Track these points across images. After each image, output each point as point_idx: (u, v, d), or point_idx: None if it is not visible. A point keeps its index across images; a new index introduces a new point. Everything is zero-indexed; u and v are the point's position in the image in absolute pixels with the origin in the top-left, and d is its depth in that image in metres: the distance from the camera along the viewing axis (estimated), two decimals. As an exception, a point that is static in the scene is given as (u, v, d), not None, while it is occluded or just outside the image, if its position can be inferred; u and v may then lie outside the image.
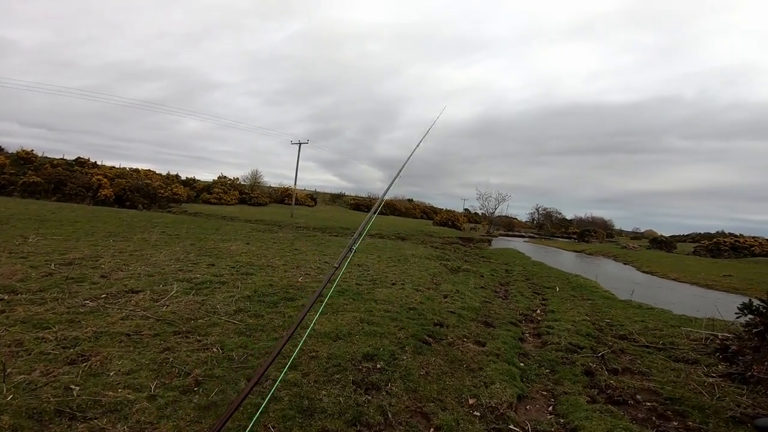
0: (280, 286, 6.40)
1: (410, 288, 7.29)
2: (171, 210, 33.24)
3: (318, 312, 3.02)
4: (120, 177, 38.49)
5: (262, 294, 5.78)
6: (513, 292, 9.16)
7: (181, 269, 7.09)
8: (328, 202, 70.11)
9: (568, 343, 5.44)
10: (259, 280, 6.71)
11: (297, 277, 7.27)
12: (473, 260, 15.57)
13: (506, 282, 10.64)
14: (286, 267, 8.28)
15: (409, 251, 13.22)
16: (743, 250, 40.79)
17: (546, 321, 6.64)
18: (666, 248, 45.98)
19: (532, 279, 11.52)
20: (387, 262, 10.54)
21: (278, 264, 8.46)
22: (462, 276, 10.11)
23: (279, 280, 6.85)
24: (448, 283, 8.37)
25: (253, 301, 5.40)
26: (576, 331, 6.04)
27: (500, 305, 7.41)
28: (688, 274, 21.51)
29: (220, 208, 39.54)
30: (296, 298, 5.76)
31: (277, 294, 5.87)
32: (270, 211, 42.16)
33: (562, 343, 5.41)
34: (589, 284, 11.01)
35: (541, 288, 10.15)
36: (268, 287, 6.20)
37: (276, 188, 61.08)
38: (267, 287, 6.20)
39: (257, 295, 5.72)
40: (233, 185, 53.14)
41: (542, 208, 78.14)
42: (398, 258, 11.47)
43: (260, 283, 6.45)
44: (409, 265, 10.42)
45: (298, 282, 6.86)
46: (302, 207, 55.71)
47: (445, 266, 11.47)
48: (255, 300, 5.47)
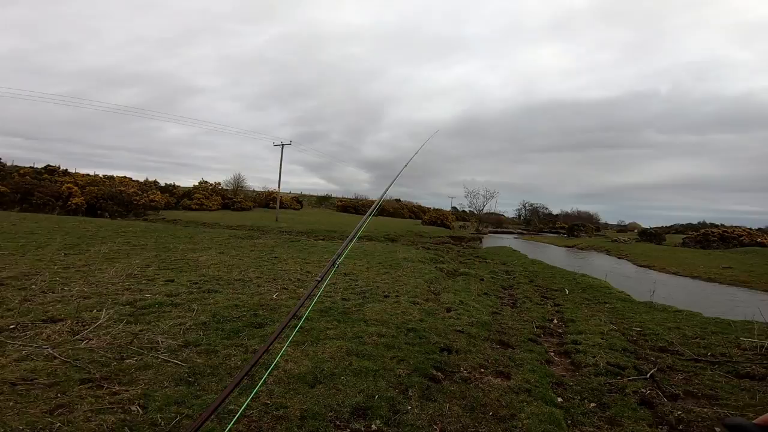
0: (248, 306, 5.21)
1: (406, 301, 6.16)
2: (147, 218, 31.53)
3: (289, 339, 1.92)
4: (92, 185, 36.51)
5: (222, 319, 4.59)
6: (520, 297, 8.12)
7: (130, 288, 5.85)
8: (314, 204, 68.68)
9: (606, 363, 4.41)
10: (224, 299, 5.50)
11: (271, 294, 6.08)
12: (469, 261, 14.55)
13: (509, 285, 9.62)
14: (261, 280, 7.07)
15: (401, 254, 12.13)
16: (732, 240, 40.76)
17: (569, 334, 5.60)
18: (655, 240, 45.81)
19: (536, 281, 10.52)
20: (377, 268, 9.41)
21: (251, 277, 7.24)
22: (461, 281, 9.04)
23: (248, 298, 5.65)
24: (448, 292, 7.27)
25: (209, 330, 4.22)
26: (609, 346, 5.01)
27: (511, 316, 6.34)
28: (687, 267, 20.89)
29: (201, 215, 37.91)
30: (266, 323, 4.58)
31: (243, 318, 4.68)
32: (254, 216, 40.67)
33: (599, 363, 4.37)
34: (599, 284, 10.07)
35: (549, 291, 9.14)
36: (232, 309, 5.01)
37: (260, 192, 59.39)
38: (231, 309, 5.00)
39: (216, 320, 4.53)
40: (215, 190, 51.28)
41: (529, 204, 78.05)
42: (390, 263, 10.35)
43: (224, 303, 5.25)
44: (402, 271, 9.31)
45: (271, 300, 5.68)
46: (288, 210, 54.20)
47: (441, 270, 10.40)
48: (212, 328, 4.28)
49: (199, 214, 38.06)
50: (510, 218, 79.42)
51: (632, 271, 20.12)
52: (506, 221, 75.77)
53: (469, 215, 66.07)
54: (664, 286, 14.40)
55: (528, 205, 77.97)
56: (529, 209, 77.92)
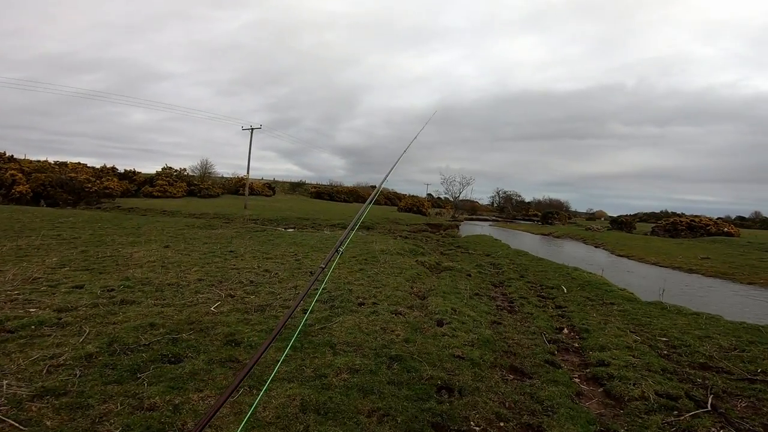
0: (169, 325, 3.78)
1: (386, 310, 4.87)
2: (100, 206, 28.90)
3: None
4: (39, 171, 33.20)
5: (121, 348, 3.16)
6: (515, 298, 7.01)
7: (16, 298, 4.30)
8: (287, 191, 66.40)
9: (654, 392, 3.31)
10: (139, 314, 4.04)
11: (210, 304, 4.65)
12: (451, 253, 13.44)
13: (500, 282, 8.52)
14: (202, 284, 5.60)
15: (378, 246, 10.84)
16: (699, 229, 41.66)
17: (589, 350, 4.49)
18: (626, 229, 46.51)
19: (527, 276, 9.48)
20: (351, 264, 8.08)
21: (190, 279, 5.75)
22: (447, 279, 7.85)
23: (175, 312, 4.20)
24: (436, 295, 6.03)
25: (92, 367, 2.80)
26: (645, 366, 3.93)
27: (513, 326, 5.19)
28: (665, 257, 20.63)
29: (163, 202, 35.31)
30: (186, 354, 3.18)
31: (153, 346, 3.26)
32: (221, 203, 38.42)
33: (648, 395, 3.27)
34: (596, 280, 9.12)
35: (544, 289, 8.09)
36: (143, 331, 3.57)
37: (230, 178, 56.66)
38: (142, 331, 3.56)
39: (110, 351, 3.10)
40: (180, 176, 48.25)
41: (503, 192, 78.24)
42: (365, 257, 9.04)
43: (135, 321, 3.79)
44: (379, 266, 8.02)
45: (207, 314, 4.26)
46: (259, 197, 51.89)
47: (422, 265, 9.18)
48: (98, 364, 2.86)
49: (161, 202, 35.42)
50: (484, 205, 79.51)
51: (612, 261, 19.65)
52: (480, 208, 75.71)
53: (444, 202, 65.52)
54: (650, 279, 13.79)
55: (502, 193, 78.17)
56: (503, 196, 78.15)
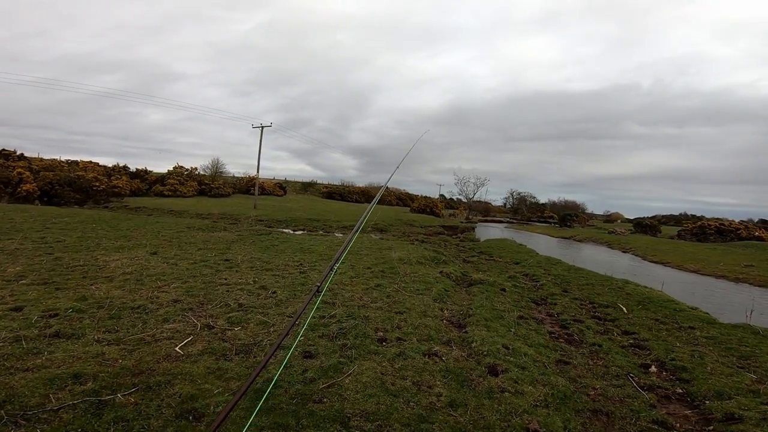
0: (106, 375, 2.60)
1: (417, 350, 3.64)
2: (108, 205, 28.30)
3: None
4: (48, 169, 32.83)
5: (14, 413, 1.99)
6: (567, 320, 5.72)
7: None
8: (299, 191, 65.66)
9: None
10: (69, 354, 2.87)
11: (178, 339, 3.47)
12: (475, 260, 12.13)
13: (542, 299, 7.21)
14: (177, 307, 4.44)
15: (395, 253, 9.61)
16: (729, 233, 39.56)
17: (703, 397, 3.19)
18: (650, 232, 44.55)
19: (571, 290, 8.14)
20: (367, 278, 6.85)
21: (164, 300, 4.59)
22: (481, 296, 6.58)
23: (122, 352, 3.02)
24: (476, 324, 4.76)
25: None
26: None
27: (585, 365, 3.93)
28: (705, 264, 18.96)
29: (173, 201, 34.67)
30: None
31: (64, 413, 2.08)
32: (231, 203, 37.65)
33: None
34: (656, 296, 7.73)
35: (598, 308, 6.76)
36: (62, 384, 2.39)
37: (241, 178, 56.09)
38: (60, 384, 2.39)
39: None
40: (191, 176, 47.78)
41: (517, 193, 76.18)
42: (382, 268, 7.81)
43: (57, 367, 2.62)
44: (399, 280, 6.79)
45: (167, 357, 3.07)
46: (269, 197, 51.17)
47: (448, 277, 7.92)
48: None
49: (170, 201, 34.80)
50: (496, 206, 77.56)
51: (647, 269, 18.06)
52: (494, 209, 73.81)
53: (456, 203, 63.93)
54: (703, 290, 12.28)
55: (516, 194, 76.09)
56: (517, 198, 76.08)
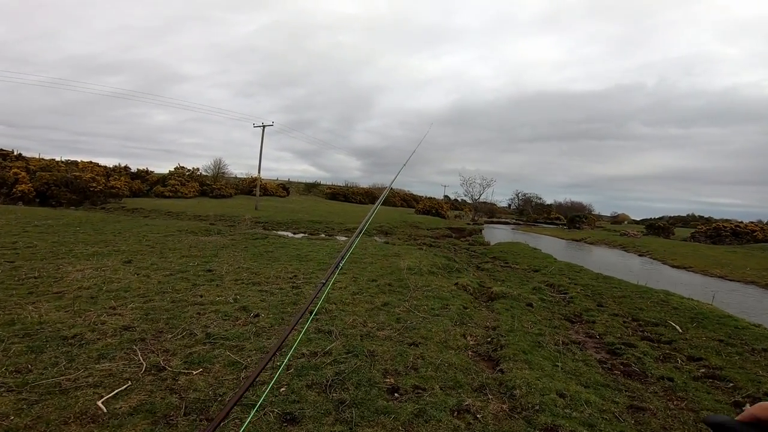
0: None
1: (442, 405, 2.66)
2: (105, 207, 27.53)
3: None
4: (45, 170, 32.13)
5: None
6: (615, 344, 4.71)
7: None
8: (302, 192, 64.84)
9: None
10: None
11: (107, 388, 2.50)
12: (489, 267, 11.10)
13: (576, 316, 6.20)
14: (126, 336, 3.48)
15: (404, 261, 8.61)
16: (745, 235, 38.26)
17: None
18: (663, 234, 43.27)
19: (607, 303, 7.11)
20: (371, 294, 5.86)
21: (111, 326, 3.62)
22: (507, 314, 5.57)
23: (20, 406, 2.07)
24: (513, 358, 3.76)
25: None
26: None
27: (666, 411, 2.94)
28: (730, 269, 17.83)
29: (172, 203, 33.91)
30: None
31: None
32: (232, 204, 36.80)
33: None
34: (707, 310, 6.67)
35: (644, 326, 5.74)
36: None
37: (243, 179, 55.40)
38: None
39: None
40: (192, 176, 47.06)
41: (522, 194, 74.97)
42: (389, 280, 6.82)
43: None
44: (410, 297, 5.81)
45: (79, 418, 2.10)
46: (272, 198, 50.37)
47: (465, 290, 6.92)
48: None
49: (170, 202, 34.03)
50: (501, 207, 76.41)
51: (671, 275, 16.94)
52: (499, 211, 72.67)
53: (461, 204, 62.87)
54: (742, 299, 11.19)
55: (521, 195, 74.86)
56: (522, 198, 74.84)
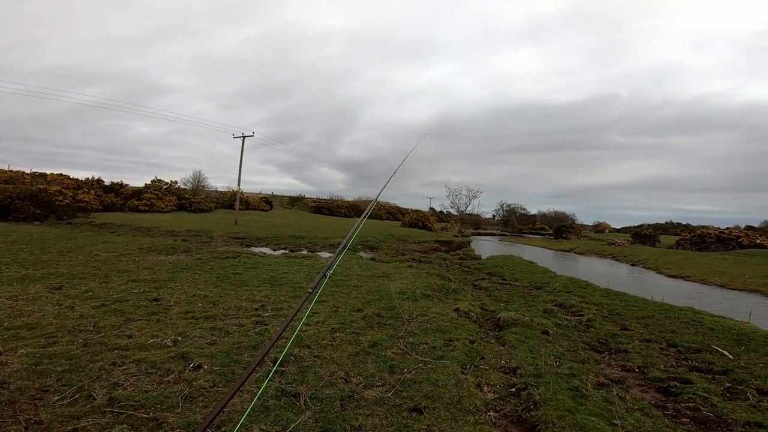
0: None
1: None
2: (72, 222, 25.73)
3: None
4: (9, 182, 30.17)
5: None
6: (663, 379, 3.69)
7: None
8: (286, 205, 63.33)
9: None
10: None
11: None
12: (487, 285, 10.09)
13: (602, 343, 5.19)
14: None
15: (394, 284, 7.49)
16: (730, 241, 38.45)
17: None
18: (649, 242, 43.32)
19: (631, 326, 6.13)
20: (356, 330, 4.73)
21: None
22: (522, 346, 4.52)
23: None
24: (563, 427, 2.70)
25: None
26: None
27: None
28: (729, 277, 17.26)
29: (147, 217, 32.15)
30: None
31: None
32: (211, 219, 35.13)
33: None
34: (749, 330, 5.73)
35: (686, 353, 4.76)
36: None
37: (224, 192, 53.76)
38: None
39: None
40: (170, 190, 45.19)
41: (506, 205, 75.10)
42: (378, 309, 5.71)
43: None
44: (406, 334, 4.71)
45: None
46: (254, 212, 48.79)
47: (467, 316, 5.86)
48: None
49: (144, 217, 32.27)
50: (486, 218, 76.28)
51: (672, 285, 16.24)
52: (484, 222, 72.46)
53: (447, 216, 62.30)
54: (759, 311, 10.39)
55: (505, 206, 74.98)
56: (507, 209, 74.96)
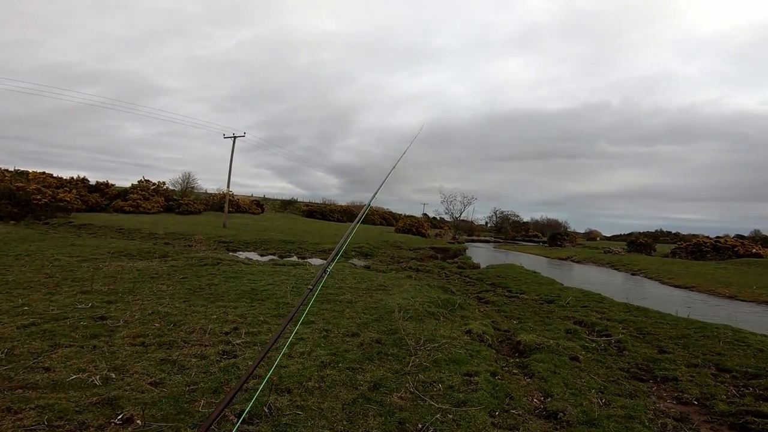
0: None
1: None
2: (49, 222, 24.48)
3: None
4: (-15, 181, 28.81)
5: None
6: (734, 414, 2.83)
7: None
8: (278, 209, 62.20)
9: None
10: None
11: None
12: (493, 298, 9.21)
13: (641, 368, 4.32)
14: None
15: (393, 298, 6.53)
16: (726, 250, 38.17)
17: None
18: (645, 251, 42.96)
19: (666, 346, 5.28)
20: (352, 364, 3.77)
21: None
22: (553, 378, 3.64)
23: None
24: None
25: None
26: None
27: None
28: (736, 288, 16.60)
29: (130, 218, 30.87)
30: None
31: None
32: (199, 221, 33.91)
33: None
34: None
35: (744, 380, 3.91)
36: None
37: (214, 194, 52.46)
38: None
39: None
40: (157, 190, 43.84)
41: (500, 212, 74.78)
42: (377, 333, 4.77)
43: None
44: (414, 368, 3.80)
45: None
46: (245, 215, 47.63)
47: (480, 340, 4.96)
48: None
49: (128, 218, 31.01)
50: (479, 225, 75.81)
51: (681, 297, 15.52)
52: (477, 228, 71.97)
53: (440, 222, 61.64)
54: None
55: (499, 212, 74.65)
56: (500, 216, 74.64)
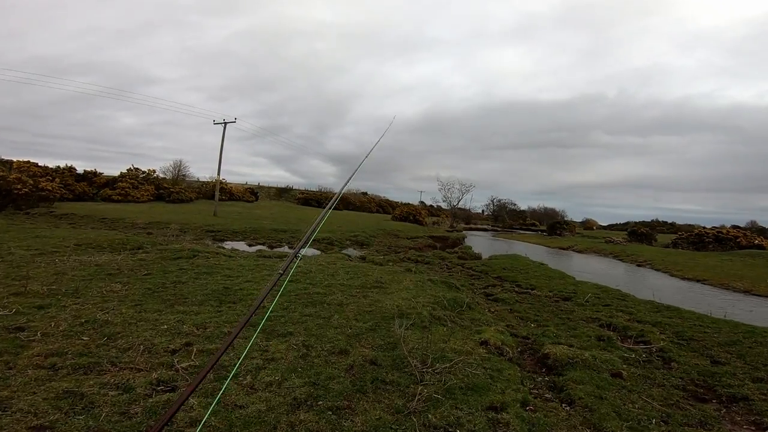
0: None
1: None
2: (30, 212, 23.34)
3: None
4: (-36, 168, 27.49)
5: None
6: None
7: None
8: (273, 197, 61.02)
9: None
10: None
11: None
12: (500, 293, 8.31)
13: (698, 384, 3.44)
14: None
15: (392, 299, 5.62)
16: (728, 241, 37.61)
17: None
18: (646, 241, 42.36)
19: (717, 355, 4.41)
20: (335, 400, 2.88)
21: None
22: (602, 404, 2.75)
23: None
24: None
25: None
26: None
27: None
28: (749, 281, 15.83)
29: (119, 207, 29.69)
30: None
31: None
32: (189, 210, 32.76)
33: None
34: None
35: None
36: None
37: (207, 182, 51.23)
38: None
39: None
40: (147, 179, 42.53)
41: (497, 200, 74.16)
42: (373, 348, 3.82)
43: None
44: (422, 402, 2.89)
45: None
46: (238, 203, 46.39)
47: (501, 353, 4.06)
48: None
49: (115, 207, 29.82)
50: (476, 213, 75.21)
51: (695, 289, 14.72)
52: (474, 216, 71.34)
53: (437, 210, 60.84)
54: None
55: (496, 201, 74.03)
56: (498, 204, 74.04)
